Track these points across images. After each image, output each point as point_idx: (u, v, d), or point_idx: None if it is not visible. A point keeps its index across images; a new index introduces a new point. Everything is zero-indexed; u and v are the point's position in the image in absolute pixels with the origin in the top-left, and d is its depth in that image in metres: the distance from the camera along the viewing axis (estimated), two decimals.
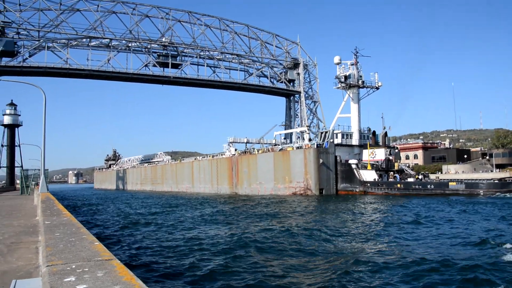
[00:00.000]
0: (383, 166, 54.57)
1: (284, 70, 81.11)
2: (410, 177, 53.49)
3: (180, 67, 72.06)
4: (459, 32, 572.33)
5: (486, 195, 43.55)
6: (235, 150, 71.82)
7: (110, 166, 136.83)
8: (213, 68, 75.87)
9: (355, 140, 61.25)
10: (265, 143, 74.24)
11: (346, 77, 62.35)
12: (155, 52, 71.11)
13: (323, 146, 55.73)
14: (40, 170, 25.19)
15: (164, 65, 70.67)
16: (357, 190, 53.47)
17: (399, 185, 50.38)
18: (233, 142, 73.02)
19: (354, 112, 62.24)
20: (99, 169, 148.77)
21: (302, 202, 41.89)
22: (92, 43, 67.04)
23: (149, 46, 70.20)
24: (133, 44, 69.35)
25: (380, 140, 59.57)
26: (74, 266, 3.05)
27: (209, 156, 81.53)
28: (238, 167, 67.69)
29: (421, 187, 48.72)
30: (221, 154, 75.41)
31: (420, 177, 53.84)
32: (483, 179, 51.81)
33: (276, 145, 69.35)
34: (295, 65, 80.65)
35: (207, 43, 73.99)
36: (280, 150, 62.17)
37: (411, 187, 49.34)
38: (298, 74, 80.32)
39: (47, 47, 63.54)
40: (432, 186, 48.34)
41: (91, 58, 65.59)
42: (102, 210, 39.56)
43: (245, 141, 73.70)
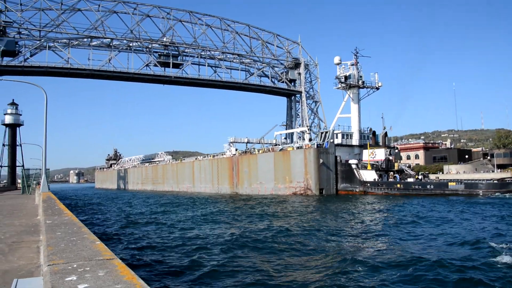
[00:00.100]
0: (383, 166, 54.56)
1: (285, 70, 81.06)
2: (410, 177, 53.48)
3: (181, 67, 72.08)
4: (459, 32, 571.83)
5: (485, 195, 43.52)
6: (236, 150, 71.82)
7: (111, 166, 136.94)
8: (214, 68, 75.91)
9: (355, 140, 61.22)
10: (266, 143, 74.22)
11: (346, 78, 62.31)
12: (156, 52, 71.13)
13: (323, 146, 55.73)
14: (42, 170, 25.22)
15: (165, 65, 70.68)
16: (357, 190, 53.45)
17: (399, 185, 50.37)
18: (234, 142, 73.01)
19: (354, 112, 62.21)
20: (100, 169, 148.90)
21: (302, 202, 41.90)
22: (93, 43, 67.07)
23: (150, 46, 70.22)
24: (134, 44, 69.37)
25: (380, 140, 59.57)
26: (76, 266, 3.07)
27: (210, 156, 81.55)
28: (239, 167, 67.70)
29: (421, 187, 48.71)
30: (222, 154, 75.41)
31: (420, 177, 53.84)
32: (484, 180, 51.75)
33: (277, 145, 69.34)
34: (296, 65, 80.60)
35: (208, 43, 74.09)
36: (281, 150, 62.17)
37: (411, 187, 49.33)
38: (299, 74, 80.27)
39: (48, 47, 63.62)
40: (432, 186, 48.32)
41: (92, 58, 65.71)
42: (103, 210, 39.62)
43: (246, 141, 73.69)
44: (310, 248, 15.93)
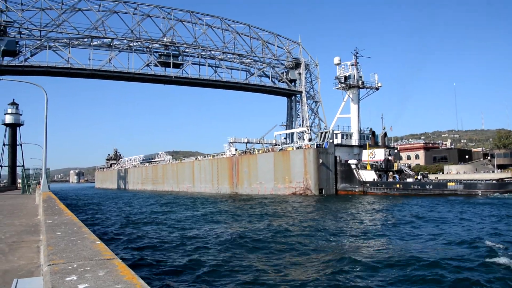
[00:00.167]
0: (383, 167, 54.59)
1: (286, 70, 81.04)
2: (409, 178, 53.55)
3: (182, 67, 72.07)
4: (459, 32, 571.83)
5: (484, 196, 43.55)
6: (236, 150, 71.85)
7: (111, 166, 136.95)
8: (215, 68, 75.90)
9: (355, 141, 61.23)
10: (266, 143, 74.24)
11: (346, 78, 62.34)
12: (157, 52, 71.12)
13: (323, 146, 55.77)
14: (42, 169, 25.24)
15: (166, 65, 70.67)
16: (357, 190, 53.48)
17: (398, 185, 50.43)
18: (234, 142, 73.03)
19: (354, 113, 62.25)
20: (100, 169, 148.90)
21: (302, 202, 41.91)
22: (94, 43, 67.06)
23: (151, 46, 70.21)
24: (135, 44, 69.36)
25: (380, 141, 59.66)
26: (76, 265, 3.07)
27: (210, 156, 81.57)
28: (239, 167, 67.72)
29: (420, 188, 48.76)
30: (222, 154, 75.44)
31: (419, 178, 53.89)
32: (483, 180, 51.79)
33: (276, 145, 69.36)
34: (297, 65, 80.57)
35: (209, 43, 74.06)
36: (280, 150, 62.18)
37: (410, 187, 49.38)
38: (300, 74, 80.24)
39: (49, 47, 63.62)
40: (431, 187, 48.38)
41: (93, 58, 65.68)
42: (104, 210, 39.63)
43: (246, 141, 73.72)
44: (309, 248, 15.96)
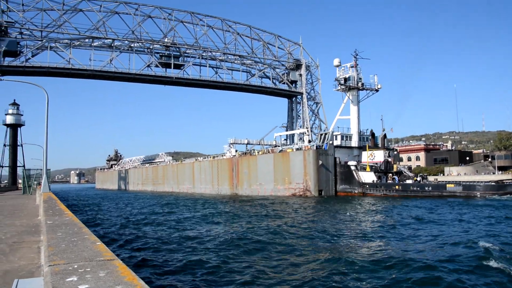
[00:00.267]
0: (382, 168, 54.62)
1: (286, 71, 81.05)
2: (409, 179, 53.59)
3: (183, 68, 72.11)
4: (459, 32, 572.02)
5: (483, 197, 43.53)
6: (236, 151, 71.87)
7: (112, 167, 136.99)
8: (215, 69, 75.91)
9: (355, 142, 61.24)
10: (266, 145, 74.24)
11: (346, 79, 62.39)
12: (158, 53, 71.18)
13: (323, 148, 55.80)
14: (42, 170, 25.24)
15: (167, 66, 70.70)
16: (356, 192, 53.50)
17: (398, 187, 50.50)
18: (234, 143, 73.09)
19: (354, 114, 62.29)
20: (101, 169, 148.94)
21: (301, 203, 41.90)
22: (95, 43, 67.14)
23: (152, 47, 70.28)
24: (136, 45, 69.43)
25: (379, 142, 59.71)
26: (76, 266, 3.08)
27: (210, 157, 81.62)
28: (239, 168, 67.71)
29: (419, 189, 48.81)
30: (222, 155, 75.45)
31: (419, 179, 53.91)
32: (482, 181, 51.79)
33: (276, 147, 69.37)
34: (297, 66, 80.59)
35: (210, 44, 74.09)
36: (280, 152, 62.20)
37: (409, 189, 49.44)
38: (300, 75, 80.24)
39: (50, 47, 63.69)
40: (430, 188, 48.43)
41: (94, 58, 65.66)
42: (104, 210, 39.65)
43: (246, 142, 73.76)
44: (308, 249, 16.01)
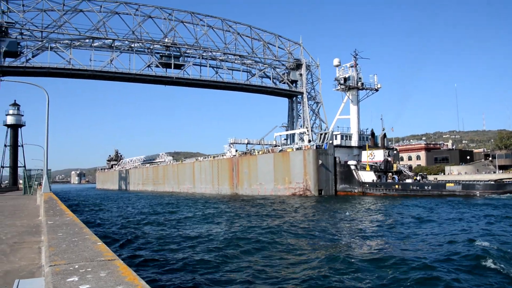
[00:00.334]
0: (382, 167, 54.63)
1: (287, 71, 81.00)
2: (409, 178, 53.62)
3: (183, 68, 72.09)
4: (459, 32, 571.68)
5: (482, 196, 43.52)
6: (236, 151, 71.87)
7: (112, 167, 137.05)
8: (216, 69, 75.89)
9: (354, 142, 61.23)
10: (266, 144, 74.23)
11: (346, 79, 62.38)
12: (158, 53, 71.16)
13: (323, 147, 55.80)
14: (43, 170, 25.25)
15: (167, 66, 70.68)
16: (356, 191, 53.52)
17: (397, 186, 50.55)
18: (234, 143, 73.10)
19: (354, 114, 62.30)
20: (102, 170, 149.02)
21: (301, 203, 41.91)
22: (95, 44, 67.14)
23: (152, 47, 70.27)
24: (136, 45, 69.43)
25: (379, 142, 59.73)
26: (77, 266, 3.08)
27: (210, 157, 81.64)
28: (239, 168, 67.72)
29: (419, 188, 48.86)
30: (222, 155, 75.46)
31: (418, 178, 53.95)
32: (482, 180, 51.81)
33: (276, 146, 69.37)
34: (298, 66, 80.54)
35: (210, 44, 74.04)
36: (280, 151, 62.20)
37: (409, 188, 49.49)
38: (301, 75, 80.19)
39: (50, 48, 63.70)
40: (430, 187, 48.47)
41: (94, 59, 65.61)
42: (105, 210, 39.67)
43: (246, 142, 73.77)
44: (308, 249, 16.05)
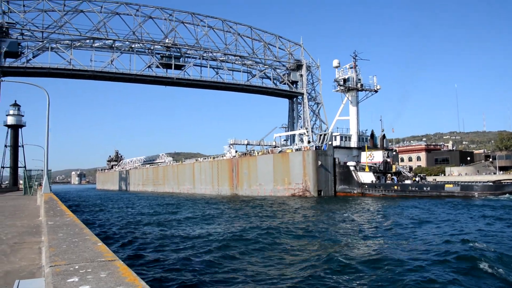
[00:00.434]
0: (381, 168, 54.64)
1: (287, 72, 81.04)
2: (408, 179, 53.68)
3: (183, 68, 72.15)
4: (459, 32, 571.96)
5: (481, 197, 43.53)
6: (236, 152, 71.89)
7: (113, 167, 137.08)
8: (216, 70, 75.96)
9: (354, 143, 61.22)
10: (265, 145, 74.24)
11: (345, 80, 62.39)
12: (158, 53, 71.23)
13: (322, 148, 55.83)
14: (43, 171, 25.26)
15: (167, 66, 70.74)
16: (355, 192, 53.55)
17: (396, 187, 50.62)
18: (234, 144, 73.12)
19: (353, 115, 62.32)
20: (102, 170, 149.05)
21: (301, 204, 41.92)
22: (96, 44, 67.21)
23: (152, 47, 70.33)
24: (136, 45, 69.50)
25: (378, 143, 59.77)
26: (77, 267, 3.08)
27: (210, 158, 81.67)
28: (239, 169, 67.73)
29: (418, 189, 48.94)
30: (222, 156, 75.48)
31: (417, 179, 54.01)
32: (481, 181, 51.84)
33: (276, 147, 69.39)
34: (298, 67, 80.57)
35: (210, 45, 74.13)
36: (280, 152, 62.23)
37: (408, 189, 49.56)
38: (301, 76, 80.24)
39: (51, 48, 63.78)
40: (428, 188, 48.54)
41: (95, 59, 65.72)
42: (105, 211, 39.68)
43: (246, 143, 73.79)
44: (307, 249, 16.06)
